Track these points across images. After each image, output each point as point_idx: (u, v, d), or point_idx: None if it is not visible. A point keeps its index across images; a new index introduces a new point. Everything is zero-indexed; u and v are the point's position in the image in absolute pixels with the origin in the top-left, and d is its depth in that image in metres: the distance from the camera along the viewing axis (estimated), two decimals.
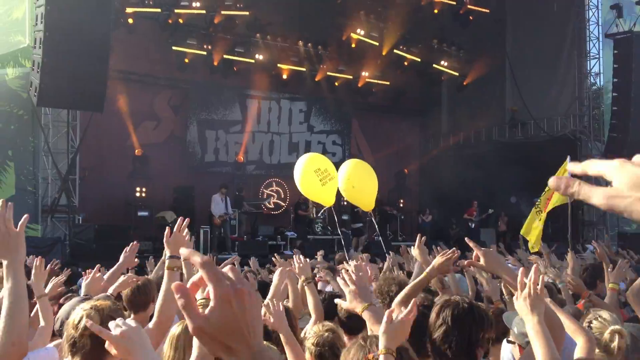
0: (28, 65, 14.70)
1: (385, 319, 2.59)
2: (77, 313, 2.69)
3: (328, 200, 9.22)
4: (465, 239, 3.21)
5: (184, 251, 1.10)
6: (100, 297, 3.38)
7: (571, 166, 1.04)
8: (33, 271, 4.07)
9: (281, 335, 3.55)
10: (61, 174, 15.68)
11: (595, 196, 0.97)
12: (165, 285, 3.30)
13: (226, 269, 1.10)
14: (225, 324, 1.01)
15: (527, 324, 2.63)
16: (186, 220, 3.58)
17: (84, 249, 14.44)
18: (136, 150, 18.52)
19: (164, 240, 3.43)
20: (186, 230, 3.54)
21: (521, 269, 2.82)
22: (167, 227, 3.58)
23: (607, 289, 5.09)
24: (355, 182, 8.91)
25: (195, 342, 4.94)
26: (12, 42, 16.40)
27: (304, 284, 4.72)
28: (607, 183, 0.99)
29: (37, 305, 3.96)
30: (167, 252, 3.43)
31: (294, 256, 5.01)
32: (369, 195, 9.26)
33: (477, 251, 3.09)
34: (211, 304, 1.01)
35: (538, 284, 2.64)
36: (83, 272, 5.38)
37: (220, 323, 1.01)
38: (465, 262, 3.29)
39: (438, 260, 4.01)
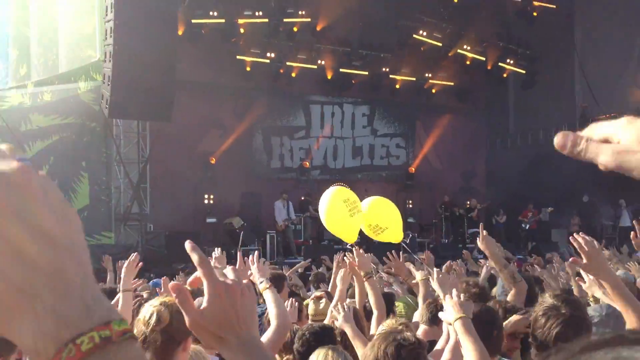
0: (99, 79, 15.17)
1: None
2: (147, 309, 2.74)
3: (351, 236, 7.81)
4: (570, 238, 2.96)
5: (187, 246, 1.20)
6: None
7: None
8: (126, 264, 4.09)
9: (347, 331, 3.60)
10: (133, 183, 16.14)
11: (604, 154, 0.88)
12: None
13: (228, 269, 1.21)
14: (216, 316, 1.11)
15: None
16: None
17: (156, 256, 14.80)
18: (210, 159, 18.87)
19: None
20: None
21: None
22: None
23: None
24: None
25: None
26: (83, 57, 17.00)
27: (365, 278, 4.69)
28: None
29: (120, 296, 3.93)
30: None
31: (353, 251, 4.90)
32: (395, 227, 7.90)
33: (582, 251, 2.84)
34: (205, 298, 1.11)
35: None
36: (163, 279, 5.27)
37: (213, 316, 1.11)
38: (571, 259, 3.11)
39: (515, 318, 3.81)
